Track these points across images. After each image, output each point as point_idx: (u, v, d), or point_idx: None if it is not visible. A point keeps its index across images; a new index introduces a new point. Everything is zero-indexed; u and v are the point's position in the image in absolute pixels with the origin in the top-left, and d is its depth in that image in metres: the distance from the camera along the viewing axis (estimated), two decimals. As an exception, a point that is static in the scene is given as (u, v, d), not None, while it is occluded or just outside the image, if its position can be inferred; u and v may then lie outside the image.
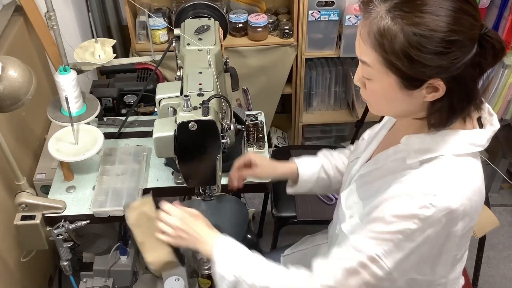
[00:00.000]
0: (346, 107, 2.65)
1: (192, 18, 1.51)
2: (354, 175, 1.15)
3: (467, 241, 1.03)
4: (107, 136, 1.62)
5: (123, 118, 1.70)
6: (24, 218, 1.40)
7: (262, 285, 1.02)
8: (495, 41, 0.87)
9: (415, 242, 0.90)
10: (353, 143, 1.37)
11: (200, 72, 1.23)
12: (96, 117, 1.58)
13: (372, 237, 0.93)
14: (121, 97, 1.83)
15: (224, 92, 1.40)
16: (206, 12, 1.55)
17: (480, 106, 0.98)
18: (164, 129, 1.10)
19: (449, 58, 0.84)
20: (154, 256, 1.22)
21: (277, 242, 2.00)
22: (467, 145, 0.95)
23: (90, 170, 1.56)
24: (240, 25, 2.27)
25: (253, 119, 1.77)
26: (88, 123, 1.53)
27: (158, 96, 1.21)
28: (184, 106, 1.08)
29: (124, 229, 1.88)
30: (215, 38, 1.37)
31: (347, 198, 1.12)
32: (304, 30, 2.25)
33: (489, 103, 2.30)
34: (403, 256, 0.92)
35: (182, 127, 1.07)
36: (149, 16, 2.12)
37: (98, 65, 1.57)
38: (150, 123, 1.71)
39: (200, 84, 1.18)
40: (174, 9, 2.25)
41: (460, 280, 1.15)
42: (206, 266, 1.79)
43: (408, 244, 0.91)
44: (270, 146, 2.65)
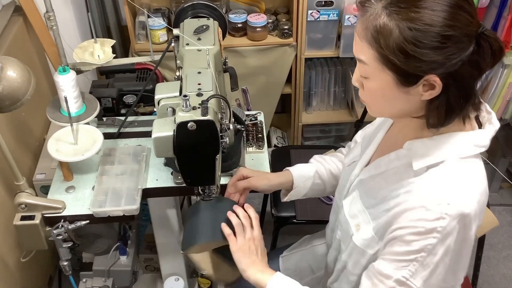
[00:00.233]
0: (346, 107, 2.65)
1: (191, 18, 1.51)
2: (354, 180, 1.14)
3: None
4: (107, 136, 1.62)
5: (123, 118, 1.70)
6: (24, 218, 1.40)
7: None
8: (493, 41, 0.87)
9: (438, 256, 0.91)
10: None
11: (199, 72, 1.23)
12: (96, 117, 1.58)
13: (396, 260, 0.94)
14: (121, 97, 1.83)
15: (223, 92, 1.40)
16: (205, 12, 1.55)
17: (479, 106, 0.98)
18: (163, 129, 1.10)
19: (445, 54, 0.84)
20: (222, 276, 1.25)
21: (277, 242, 2.01)
22: (471, 147, 0.95)
23: (90, 170, 1.56)
24: (240, 25, 2.27)
25: (253, 119, 1.77)
26: (88, 123, 1.53)
27: (157, 96, 1.21)
28: (183, 106, 1.08)
29: (124, 229, 1.88)
30: (214, 38, 1.37)
31: (350, 206, 1.11)
32: (304, 30, 2.25)
33: (489, 103, 2.31)
34: (430, 272, 0.92)
35: (181, 127, 1.06)
36: (149, 16, 2.13)
37: (98, 65, 1.57)
38: (150, 123, 1.70)
39: (199, 84, 1.18)
40: (174, 9, 2.25)
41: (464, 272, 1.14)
42: (206, 266, 1.80)
43: (432, 259, 0.91)
44: (270, 146, 2.65)
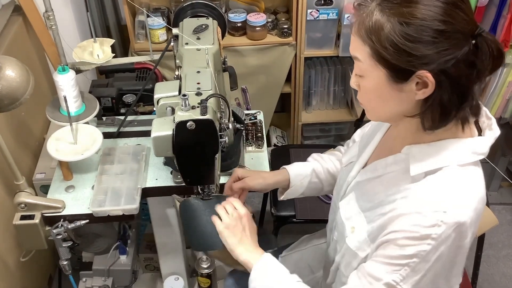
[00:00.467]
0: (345, 106, 2.65)
1: (191, 18, 1.51)
2: (351, 182, 1.14)
3: None
4: (106, 136, 1.62)
5: (122, 118, 1.70)
6: (23, 218, 1.40)
7: None
8: (491, 43, 0.86)
9: (430, 262, 0.91)
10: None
11: (199, 72, 1.23)
12: (95, 117, 1.59)
13: (388, 263, 0.93)
14: (120, 97, 1.83)
15: (223, 91, 1.40)
16: (205, 12, 1.55)
17: (478, 111, 0.97)
18: (163, 129, 1.10)
19: (437, 49, 0.84)
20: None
21: (276, 241, 2.01)
22: (470, 154, 0.94)
23: (89, 170, 1.56)
24: (239, 24, 2.27)
25: (252, 118, 1.77)
26: (87, 123, 1.53)
27: (157, 96, 1.21)
28: (182, 106, 1.08)
29: (123, 229, 1.88)
30: (214, 37, 1.37)
31: (346, 208, 1.11)
32: (303, 29, 2.25)
33: (488, 102, 2.31)
34: (420, 278, 0.92)
35: (180, 127, 1.06)
36: (148, 16, 2.13)
37: (97, 65, 1.57)
38: (149, 123, 1.70)
39: (198, 84, 1.18)
40: (173, 9, 2.25)
41: (459, 279, 1.14)
42: (205, 265, 1.80)
43: (424, 265, 0.91)
44: (269, 145, 2.65)
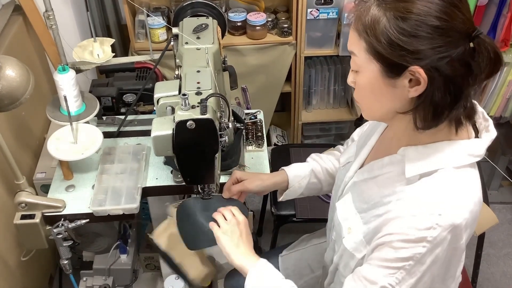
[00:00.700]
0: (346, 105, 2.65)
1: (191, 17, 1.51)
2: (348, 182, 1.14)
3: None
4: (106, 135, 1.62)
5: (122, 117, 1.71)
6: (24, 217, 1.40)
7: None
8: (489, 46, 0.86)
9: (426, 265, 0.91)
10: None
11: (198, 71, 1.23)
12: (96, 116, 1.59)
13: (383, 266, 0.93)
14: (120, 96, 1.83)
15: (223, 91, 1.41)
16: (205, 11, 1.55)
17: (472, 114, 0.96)
18: (162, 128, 1.10)
19: (430, 45, 0.84)
20: (195, 273, 1.23)
21: (277, 240, 2.01)
22: (466, 156, 0.94)
23: (90, 169, 1.56)
24: (239, 24, 2.27)
25: (252, 118, 1.77)
26: (88, 122, 1.53)
27: (157, 95, 1.21)
28: (182, 105, 1.08)
29: (124, 228, 1.88)
30: (213, 37, 1.37)
31: (343, 209, 1.11)
32: (303, 29, 2.25)
33: (488, 101, 2.31)
34: (416, 281, 0.92)
35: (180, 126, 1.07)
36: (148, 15, 2.13)
37: (97, 64, 1.57)
38: (150, 122, 1.70)
39: (198, 83, 1.18)
40: (173, 8, 2.25)
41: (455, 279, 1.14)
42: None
43: (419, 268, 0.91)
44: (270, 145, 2.65)
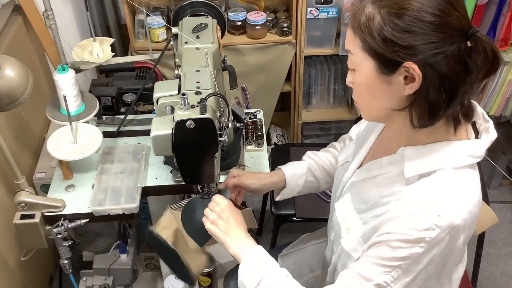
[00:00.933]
0: (345, 105, 2.65)
1: (190, 17, 1.51)
2: (346, 182, 1.13)
3: (466, 244, 1.02)
4: (106, 135, 1.62)
5: (122, 117, 1.70)
6: (24, 217, 1.40)
7: None
8: (486, 44, 0.86)
9: (422, 264, 0.90)
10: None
11: (198, 71, 1.23)
12: (95, 116, 1.59)
13: (379, 264, 0.93)
14: (120, 96, 1.83)
15: (223, 90, 1.41)
16: (204, 11, 1.55)
17: (470, 113, 0.96)
18: (162, 128, 1.10)
19: (424, 40, 0.84)
20: (196, 268, 1.23)
21: (277, 240, 2.01)
22: (465, 157, 0.94)
23: (89, 169, 1.56)
24: (239, 23, 2.27)
25: (252, 117, 1.77)
26: (87, 122, 1.53)
27: (156, 95, 1.21)
28: (182, 105, 1.08)
29: (124, 228, 1.88)
30: (213, 36, 1.37)
31: (342, 209, 1.11)
32: (303, 28, 2.25)
33: (488, 100, 2.31)
34: (411, 279, 0.92)
35: (180, 126, 1.06)
36: (148, 15, 2.13)
37: (97, 64, 1.57)
38: (149, 122, 1.68)
39: (198, 83, 1.18)
40: (173, 8, 2.25)
41: (450, 279, 1.14)
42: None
43: (416, 267, 0.91)
44: (270, 144, 2.65)
